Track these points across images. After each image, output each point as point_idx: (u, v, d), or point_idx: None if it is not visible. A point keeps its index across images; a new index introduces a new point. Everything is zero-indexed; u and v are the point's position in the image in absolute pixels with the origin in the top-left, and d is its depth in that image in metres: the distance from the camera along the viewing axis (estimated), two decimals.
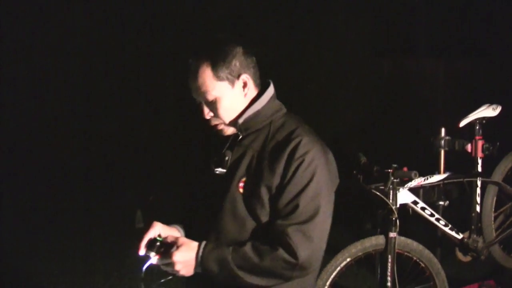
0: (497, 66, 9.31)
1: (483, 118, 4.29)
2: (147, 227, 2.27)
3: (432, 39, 11.36)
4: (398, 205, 3.74)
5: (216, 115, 2.28)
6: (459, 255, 4.33)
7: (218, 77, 2.22)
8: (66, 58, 9.99)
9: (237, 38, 2.30)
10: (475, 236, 4.26)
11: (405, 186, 3.81)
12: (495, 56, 9.50)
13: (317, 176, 2.16)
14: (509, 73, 8.80)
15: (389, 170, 3.69)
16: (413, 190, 3.91)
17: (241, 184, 2.23)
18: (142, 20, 10.26)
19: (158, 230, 2.27)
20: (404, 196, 3.84)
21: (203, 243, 2.19)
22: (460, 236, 4.21)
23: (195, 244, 2.19)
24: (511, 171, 4.40)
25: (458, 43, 10.72)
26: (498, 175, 4.34)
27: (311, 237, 2.12)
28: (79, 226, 7.29)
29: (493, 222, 4.34)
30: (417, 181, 3.87)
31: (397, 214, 3.69)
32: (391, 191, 3.71)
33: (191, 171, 2.54)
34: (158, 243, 2.20)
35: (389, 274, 3.71)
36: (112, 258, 6.25)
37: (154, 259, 2.20)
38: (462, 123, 4.23)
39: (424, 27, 11.69)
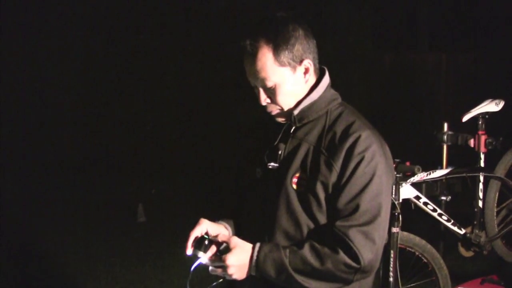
0: (500, 61, 9.29)
1: (486, 113, 4.27)
2: (193, 224, 2.12)
3: (434, 32, 11.35)
4: (400, 200, 3.73)
5: (274, 101, 2.13)
6: (462, 250, 4.31)
7: (280, 63, 2.05)
8: (65, 52, 9.98)
9: (298, 17, 2.11)
10: (477, 231, 4.25)
11: (408, 181, 3.79)
12: (498, 51, 9.48)
13: (377, 174, 2.03)
14: None
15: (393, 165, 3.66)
16: (415, 185, 3.89)
17: (295, 180, 2.08)
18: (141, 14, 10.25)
19: (205, 227, 2.12)
20: (407, 191, 3.82)
21: (257, 245, 2.04)
22: (462, 231, 4.20)
23: (249, 246, 2.04)
24: None
25: (460, 37, 10.71)
26: (501, 170, 4.32)
27: (373, 239, 2.00)
28: (80, 220, 7.29)
29: (495, 217, 4.32)
30: (420, 176, 3.84)
31: (400, 209, 3.68)
32: (393, 186, 3.69)
33: (241, 164, 2.37)
34: (206, 242, 2.05)
35: (391, 268, 3.69)
36: (114, 251, 6.25)
37: (203, 258, 2.04)
38: (465, 118, 4.22)
39: (427, 21, 11.68)
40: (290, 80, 2.10)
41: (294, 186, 2.09)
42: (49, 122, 9.88)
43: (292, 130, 2.17)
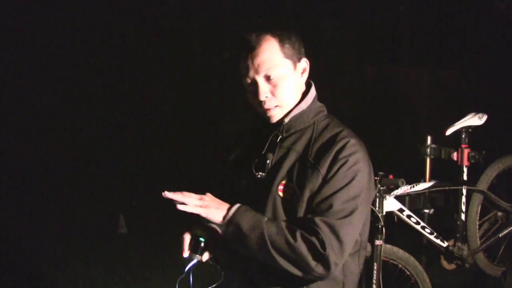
0: (483, 76, 9.37)
1: (469, 126, 4.29)
2: (187, 228, 2.16)
3: (416, 47, 11.43)
4: (384, 213, 3.74)
5: (275, 94, 2.17)
6: (444, 263, 4.33)
7: (285, 54, 2.16)
8: (52, 59, 9.91)
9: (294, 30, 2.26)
10: (460, 244, 4.27)
11: (392, 193, 3.80)
12: (480, 66, 9.56)
13: (357, 179, 2.08)
14: (495, 82, 8.86)
15: (376, 178, 3.68)
16: (399, 198, 3.91)
17: (281, 187, 2.13)
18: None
19: (197, 230, 2.15)
20: (390, 204, 3.83)
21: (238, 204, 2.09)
22: (445, 244, 4.21)
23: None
24: (496, 180, 4.41)
25: (442, 52, 10.79)
26: (483, 183, 4.34)
27: (338, 234, 2.01)
28: (60, 230, 7.22)
29: (477, 230, 4.35)
30: (404, 189, 3.87)
31: (383, 221, 3.69)
32: (377, 199, 3.70)
33: (227, 174, 2.41)
34: (202, 244, 2.09)
35: (374, 281, 3.69)
36: (95, 262, 6.19)
37: (201, 260, 2.09)
38: (449, 132, 4.24)
39: (409, 36, 11.76)
40: (291, 75, 2.19)
41: (281, 194, 2.13)
42: (29, 131, 9.79)
43: (278, 139, 2.22)
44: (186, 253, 2.10)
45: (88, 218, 7.76)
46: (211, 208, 2.06)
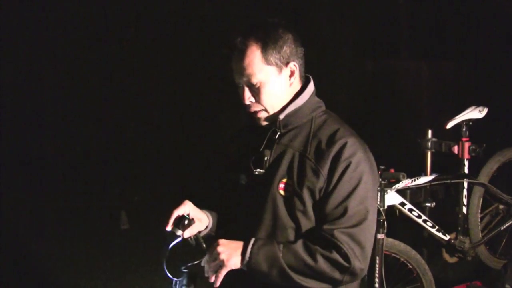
0: (483, 68, 9.36)
1: (470, 120, 4.30)
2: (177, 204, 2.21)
3: (415, 40, 11.41)
4: (386, 207, 3.75)
5: (257, 100, 2.17)
6: (446, 256, 4.34)
7: (267, 61, 2.12)
8: (53, 56, 9.90)
9: (289, 24, 2.21)
10: (461, 237, 4.28)
11: (393, 187, 3.81)
12: (480, 58, 9.55)
13: (363, 180, 2.08)
14: (495, 74, 8.85)
15: (377, 172, 3.68)
16: (400, 192, 3.92)
17: (281, 185, 2.12)
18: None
19: (188, 209, 2.19)
20: (392, 198, 3.85)
21: (252, 239, 2.07)
22: (447, 237, 4.22)
23: (239, 242, 2.09)
24: (497, 172, 4.42)
25: (442, 45, 10.78)
26: (484, 176, 4.35)
27: (359, 241, 2.03)
28: (62, 226, 7.23)
29: (479, 223, 4.36)
30: (405, 183, 3.88)
31: (385, 215, 3.70)
32: (378, 193, 3.70)
33: (225, 171, 2.41)
34: (185, 221, 2.15)
35: (377, 275, 3.71)
36: (97, 258, 6.21)
37: (182, 236, 2.16)
38: (449, 125, 4.25)
39: (408, 29, 11.75)
40: (274, 80, 2.16)
41: (281, 192, 2.12)
42: (30, 128, 9.78)
43: (277, 136, 2.20)
44: (169, 227, 2.17)
45: (90, 214, 7.77)
46: (229, 261, 2.06)
